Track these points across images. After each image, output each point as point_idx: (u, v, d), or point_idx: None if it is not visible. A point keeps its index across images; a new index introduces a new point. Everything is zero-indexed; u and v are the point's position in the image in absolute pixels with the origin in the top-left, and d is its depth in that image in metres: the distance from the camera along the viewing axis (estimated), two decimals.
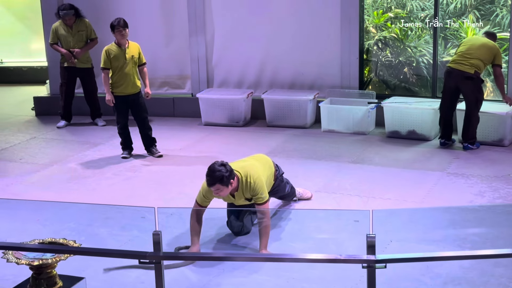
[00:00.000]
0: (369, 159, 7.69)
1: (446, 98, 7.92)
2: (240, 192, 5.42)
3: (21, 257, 3.55)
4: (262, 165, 5.73)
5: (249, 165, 5.54)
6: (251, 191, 5.40)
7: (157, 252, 3.14)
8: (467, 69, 7.67)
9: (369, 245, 3.08)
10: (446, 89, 7.90)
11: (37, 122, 9.87)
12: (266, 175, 5.67)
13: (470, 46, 7.75)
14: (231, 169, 5.25)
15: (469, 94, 7.75)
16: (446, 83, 7.93)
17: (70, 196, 6.84)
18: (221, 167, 5.21)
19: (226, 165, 5.25)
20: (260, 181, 5.42)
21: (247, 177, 5.39)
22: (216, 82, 9.79)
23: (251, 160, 5.73)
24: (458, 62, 7.73)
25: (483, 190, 6.69)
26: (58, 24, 9.22)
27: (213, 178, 5.21)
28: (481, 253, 3.38)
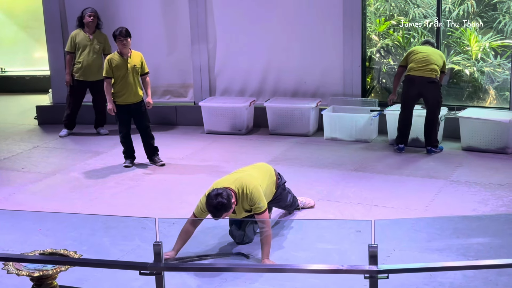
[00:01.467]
0: (372, 167, 7.67)
1: (407, 106, 8.09)
2: (239, 206, 5.39)
3: (21, 268, 3.53)
4: (261, 173, 5.70)
5: (244, 176, 5.49)
6: (249, 202, 5.37)
7: (158, 263, 3.12)
8: (428, 74, 7.90)
9: (371, 255, 3.05)
10: (408, 97, 8.07)
11: (39, 131, 9.87)
12: (265, 184, 5.64)
13: (424, 54, 7.99)
14: (227, 194, 5.21)
15: (432, 98, 7.93)
16: (407, 91, 8.07)
17: (72, 205, 6.83)
18: (218, 199, 5.17)
19: (221, 193, 5.20)
20: (256, 190, 5.39)
21: (243, 189, 5.36)
22: (218, 91, 9.79)
23: (249, 170, 5.69)
24: (419, 70, 7.93)
25: (486, 198, 6.66)
26: (78, 31, 9.16)
27: (217, 212, 5.20)
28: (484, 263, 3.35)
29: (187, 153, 8.48)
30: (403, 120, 8.11)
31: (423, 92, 7.94)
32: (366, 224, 3.31)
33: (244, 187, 5.36)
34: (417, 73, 7.90)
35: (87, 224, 6.25)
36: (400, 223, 5.72)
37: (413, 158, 7.96)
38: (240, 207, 5.40)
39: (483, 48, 9.11)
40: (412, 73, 7.95)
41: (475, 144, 8.10)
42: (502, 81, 9.01)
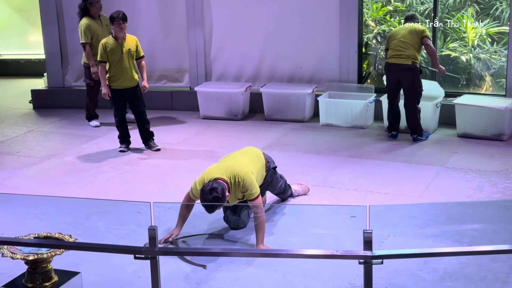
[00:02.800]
0: (367, 153, 7.67)
1: (390, 92, 8.11)
2: (232, 195, 5.39)
3: (16, 252, 3.52)
4: (251, 159, 5.69)
5: (234, 164, 5.47)
6: (241, 189, 5.36)
7: (153, 247, 3.12)
8: (404, 61, 7.88)
9: (366, 240, 3.06)
10: (389, 84, 8.07)
11: (34, 115, 9.84)
12: (256, 169, 5.63)
13: (400, 38, 7.93)
14: (221, 188, 5.20)
15: (408, 85, 7.91)
16: (388, 78, 8.09)
17: (67, 189, 6.82)
18: (213, 194, 5.17)
19: (215, 188, 5.19)
20: (248, 177, 5.38)
21: (235, 177, 5.35)
22: (214, 76, 9.76)
23: (238, 157, 5.67)
24: (395, 57, 7.93)
25: (481, 184, 6.67)
26: (88, 20, 8.62)
27: (211, 207, 5.22)
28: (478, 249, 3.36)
29: (183, 138, 8.47)
30: (389, 108, 8.15)
31: (400, 79, 7.92)
32: (361, 210, 3.31)
33: (236, 176, 5.35)
34: (394, 60, 7.92)
35: (82, 208, 6.24)
36: (395, 209, 5.73)
37: (408, 145, 7.96)
38: (233, 195, 5.39)
39: (480, 35, 9.09)
40: (390, 60, 7.97)
41: (470, 131, 8.10)
42: (499, 68, 9.00)
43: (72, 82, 10.17)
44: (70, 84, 10.18)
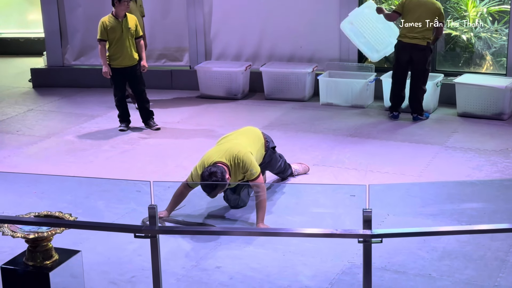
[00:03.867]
0: (367, 133, 7.67)
1: (398, 72, 8.02)
2: (232, 176, 5.38)
3: (16, 230, 3.54)
4: (250, 139, 5.68)
5: (233, 146, 5.46)
6: (242, 170, 5.37)
7: (153, 226, 3.13)
8: (420, 42, 7.80)
9: (365, 219, 3.07)
10: (400, 63, 7.97)
11: (34, 94, 9.83)
12: (255, 148, 5.63)
13: (417, 16, 7.76)
14: (220, 172, 5.20)
15: (420, 65, 7.85)
16: (399, 57, 7.98)
17: (67, 168, 6.83)
18: (212, 178, 5.18)
19: (215, 172, 5.19)
20: (247, 157, 5.37)
21: (235, 159, 5.35)
22: (214, 55, 9.73)
23: (237, 138, 5.66)
24: (410, 37, 7.81)
25: (481, 164, 6.68)
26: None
27: (213, 191, 5.25)
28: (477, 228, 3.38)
29: (183, 117, 8.47)
30: (394, 89, 8.06)
31: (413, 58, 7.84)
32: (360, 189, 3.31)
33: (235, 157, 5.35)
34: (409, 40, 7.80)
35: (82, 187, 6.25)
36: (395, 188, 5.74)
37: (408, 124, 7.95)
38: (233, 177, 5.39)
39: (481, 14, 9.05)
40: (404, 39, 7.85)
41: (470, 110, 8.09)
42: (499, 47, 8.97)
43: (72, 61, 10.14)
44: (70, 63, 10.15)
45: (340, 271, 4.75)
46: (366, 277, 3.13)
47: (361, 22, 8.27)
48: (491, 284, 4.54)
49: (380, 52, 8.44)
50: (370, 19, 8.29)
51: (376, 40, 8.35)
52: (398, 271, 4.73)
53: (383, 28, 8.34)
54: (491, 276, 4.63)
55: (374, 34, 8.31)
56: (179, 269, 4.81)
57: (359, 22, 8.25)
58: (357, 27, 8.23)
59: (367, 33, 8.24)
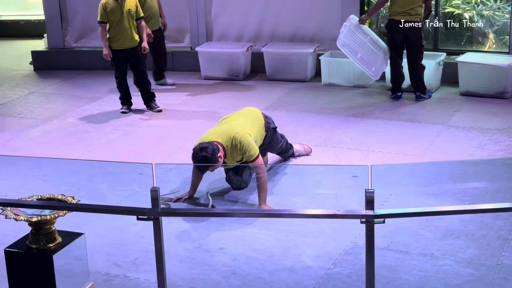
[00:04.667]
0: (369, 113, 7.65)
1: (394, 52, 7.95)
2: (229, 157, 5.38)
3: (19, 214, 3.54)
4: (249, 119, 5.66)
5: (231, 127, 5.46)
6: (240, 151, 5.36)
7: (155, 208, 3.13)
8: (413, 18, 7.76)
9: (368, 200, 3.06)
10: (395, 42, 7.91)
11: (35, 76, 9.81)
12: (255, 129, 5.62)
13: None
14: (212, 148, 5.21)
15: (415, 42, 7.81)
16: (394, 37, 7.90)
17: (69, 151, 6.83)
18: (202, 153, 5.19)
19: (206, 147, 5.20)
20: (245, 138, 5.36)
21: (232, 140, 5.33)
22: (215, 36, 9.69)
23: (236, 119, 5.64)
24: (403, 14, 7.76)
25: (483, 143, 6.66)
26: None
27: (201, 167, 5.25)
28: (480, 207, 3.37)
29: (184, 99, 8.45)
30: (393, 69, 8.03)
31: (408, 35, 7.80)
32: (363, 169, 3.30)
33: (232, 138, 5.33)
34: (402, 18, 7.76)
35: (84, 170, 6.25)
36: (397, 168, 5.73)
37: (410, 104, 7.93)
38: (231, 159, 5.39)
39: None
40: (397, 17, 7.81)
41: (473, 89, 8.07)
42: (502, 25, 8.92)
43: (72, 43, 10.11)
44: (70, 45, 10.12)
45: (343, 251, 4.76)
46: (368, 258, 3.13)
47: (351, 40, 8.15)
48: (494, 262, 4.55)
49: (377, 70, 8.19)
50: (356, 35, 8.17)
51: (369, 56, 8.18)
52: (401, 250, 4.73)
53: (370, 42, 8.18)
54: (493, 255, 4.64)
55: (365, 50, 8.17)
56: (182, 251, 4.82)
57: (351, 40, 8.13)
58: (350, 45, 8.11)
59: (359, 50, 8.12)
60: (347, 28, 8.06)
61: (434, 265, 4.55)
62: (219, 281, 4.46)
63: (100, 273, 4.57)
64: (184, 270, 4.60)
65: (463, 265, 4.53)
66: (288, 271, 4.55)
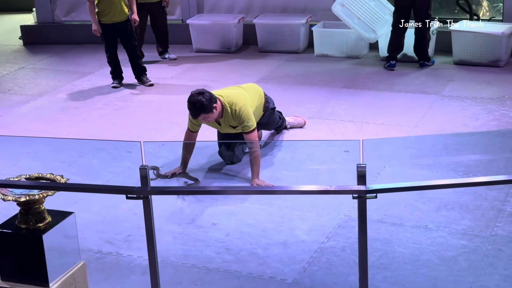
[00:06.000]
0: (362, 84, 7.59)
1: (399, 19, 7.81)
2: (225, 119, 5.35)
3: (7, 193, 3.48)
4: (251, 94, 5.62)
5: (235, 94, 5.44)
6: (237, 119, 5.31)
7: (145, 187, 3.08)
8: None
9: (360, 175, 3.01)
10: (401, 9, 7.80)
11: (25, 51, 9.70)
12: (254, 105, 5.57)
13: None
14: (210, 95, 5.19)
15: (424, 11, 7.72)
16: (400, 3, 7.80)
17: (60, 127, 6.77)
18: (199, 97, 5.15)
19: (204, 92, 5.19)
20: (245, 109, 5.32)
21: (231, 105, 5.31)
22: (206, 7, 9.58)
23: (239, 89, 5.61)
24: None
25: (477, 112, 6.63)
26: None
27: (195, 109, 5.19)
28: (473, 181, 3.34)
29: (176, 73, 8.37)
30: (395, 37, 7.91)
31: (416, 3, 7.70)
32: (355, 144, 3.26)
33: (233, 104, 5.31)
34: None
35: (76, 146, 6.20)
36: (389, 142, 5.69)
37: (404, 74, 7.87)
38: (225, 121, 5.36)
39: None
40: None
41: (467, 58, 8.00)
42: None
43: (62, 17, 9.99)
44: (60, 19, 9.99)
45: (337, 224, 4.74)
46: (361, 233, 3.10)
47: (352, 2, 8.07)
48: (488, 233, 4.54)
49: (377, 32, 8.20)
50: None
51: (371, 19, 8.14)
52: (395, 223, 4.72)
53: (375, 5, 8.14)
54: (488, 226, 4.62)
55: (367, 13, 8.11)
56: (175, 227, 4.80)
57: (350, 3, 8.05)
58: (349, 8, 8.03)
59: (360, 13, 8.06)
60: None
61: (428, 237, 4.54)
62: (212, 257, 4.44)
63: (93, 251, 4.55)
64: (177, 247, 4.58)
65: (457, 237, 4.52)
66: (282, 245, 4.53)
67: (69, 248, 3.67)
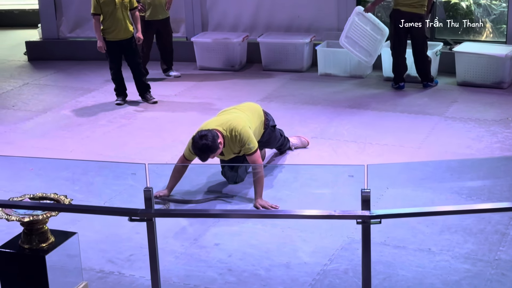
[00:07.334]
0: (366, 104, 7.60)
1: (398, 42, 7.89)
2: (228, 148, 5.34)
3: (11, 213, 3.49)
4: (250, 114, 5.61)
5: (233, 118, 5.42)
6: (238, 143, 5.31)
7: (149, 209, 3.08)
8: (418, 10, 7.73)
9: (364, 199, 3.02)
10: (398, 33, 7.84)
11: (29, 67, 9.73)
12: (254, 125, 5.57)
13: None
14: (211, 135, 5.15)
15: (421, 34, 7.79)
16: (397, 26, 7.83)
17: (64, 144, 6.78)
18: (203, 141, 5.11)
19: (205, 135, 5.13)
20: (245, 131, 5.32)
21: (231, 131, 5.30)
22: (211, 26, 9.61)
23: (237, 111, 5.60)
24: (408, 5, 7.72)
25: (481, 134, 6.62)
26: None
27: (203, 154, 5.16)
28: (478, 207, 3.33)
29: (180, 90, 8.38)
30: (396, 60, 7.94)
31: (412, 28, 7.74)
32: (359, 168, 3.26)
33: (232, 129, 5.29)
34: (407, 9, 7.71)
35: (79, 164, 6.20)
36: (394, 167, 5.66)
37: (407, 94, 7.88)
38: (228, 149, 5.35)
39: None
40: (402, 8, 7.75)
41: (470, 79, 8.01)
42: (499, 13, 8.85)
43: (67, 33, 10.02)
44: (65, 35, 10.03)
45: (340, 246, 4.72)
46: (365, 257, 3.09)
47: (354, 31, 8.13)
48: (491, 257, 4.52)
49: (372, 54, 8.26)
50: (360, 25, 8.14)
51: (368, 43, 8.20)
52: (398, 246, 4.70)
53: (371, 29, 8.20)
54: (491, 250, 4.61)
55: (365, 38, 8.17)
56: (178, 247, 4.79)
57: (353, 32, 8.11)
58: (352, 38, 8.09)
59: (360, 40, 8.11)
60: (350, 22, 8.04)
61: (431, 261, 4.53)
62: (215, 278, 4.43)
63: (94, 270, 4.54)
64: (180, 267, 4.57)
65: (460, 261, 4.51)
66: (284, 267, 4.52)
67: (72, 268, 3.67)
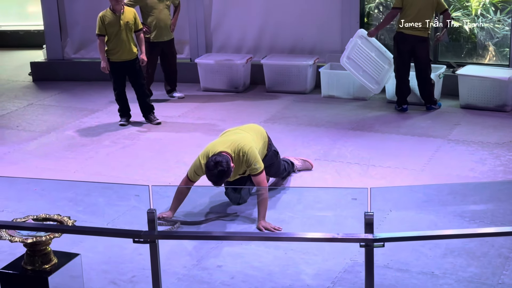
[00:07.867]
0: (369, 126, 7.61)
1: (402, 65, 7.92)
2: (234, 170, 5.34)
3: (14, 235, 3.50)
4: (254, 135, 5.62)
5: (239, 139, 5.43)
6: (245, 163, 5.32)
7: (152, 231, 3.09)
8: (421, 33, 7.78)
9: (367, 223, 3.02)
10: (401, 55, 7.89)
11: (34, 88, 9.77)
12: (259, 145, 5.58)
13: (419, 8, 7.73)
14: (225, 160, 5.14)
15: (423, 56, 7.83)
16: (400, 48, 7.88)
17: (67, 164, 6.79)
18: (218, 168, 5.11)
19: (219, 161, 5.12)
20: (252, 151, 5.33)
21: (239, 151, 5.31)
22: (214, 47, 9.66)
23: (241, 132, 5.61)
24: (412, 28, 7.76)
25: (484, 157, 6.62)
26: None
27: (220, 180, 5.16)
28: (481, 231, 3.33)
29: (183, 111, 8.41)
30: (400, 83, 7.97)
31: (415, 50, 7.80)
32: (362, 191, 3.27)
33: (240, 150, 5.31)
34: (411, 32, 7.75)
35: (82, 184, 6.21)
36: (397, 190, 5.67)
37: (410, 117, 7.89)
38: (235, 170, 5.35)
39: (483, 4, 8.96)
40: (405, 31, 7.79)
41: (473, 102, 8.03)
42: (502, 37, 8.89)
43: (72, 54, 10.08)
44: (70, 56, 10.09)
45: (343, 269, 4.71)
46: (368, 280, 3.09)
47: (357, 54, 8.17)
48: (495, 281, 4.50)
49: (380, 83, 8.29)
50: (363, 49, 8.19)
51: (374, 70, 8.24)
52: (401, 269, 4.69)
53: (376, 56, 8.25)
54: (494, 274, 4.59)
55: (370, 64, 8.21)
56: (180, 268, 4.78)
57: (355, 54, 8.16)
58: (355, 60, 8.14)
59: (364, 65, 8.16)
60: (352, 43, 8.07)
61: (434, 284, 4.51)
62: None
63: None
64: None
65: (463, 284, 4.49)
66: None
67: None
